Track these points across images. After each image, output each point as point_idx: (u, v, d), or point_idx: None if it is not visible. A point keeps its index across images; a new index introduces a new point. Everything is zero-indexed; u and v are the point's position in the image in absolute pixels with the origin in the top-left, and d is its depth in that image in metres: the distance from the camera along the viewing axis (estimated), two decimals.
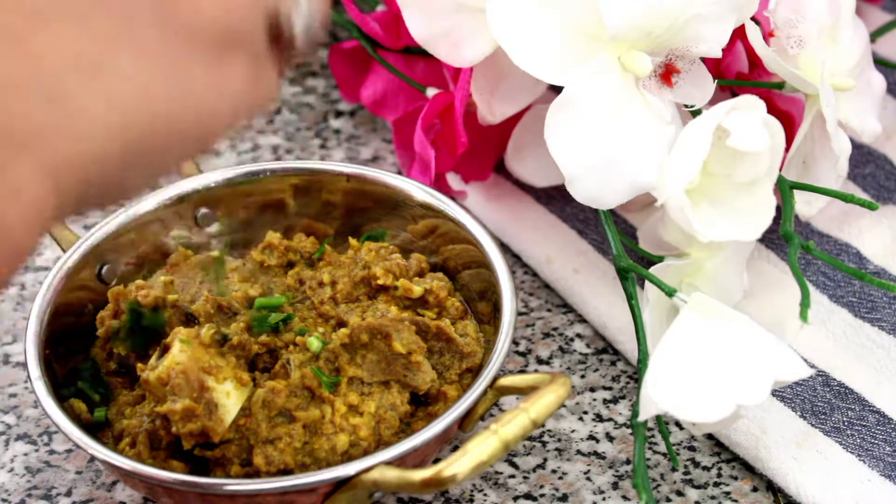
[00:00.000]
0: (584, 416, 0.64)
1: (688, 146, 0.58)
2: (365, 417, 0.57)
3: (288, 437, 0.56)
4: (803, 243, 0.58)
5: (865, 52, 0.67)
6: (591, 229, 0.71)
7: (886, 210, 0.71)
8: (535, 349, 0.67)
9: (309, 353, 0.58)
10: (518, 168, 0.71)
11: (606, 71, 0.59)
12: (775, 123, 0.59)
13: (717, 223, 0.60)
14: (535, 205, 0.73)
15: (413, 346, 0.58)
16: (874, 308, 0.67)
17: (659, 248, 0.63)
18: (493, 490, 0.61)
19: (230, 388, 0.56)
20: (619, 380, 0.65)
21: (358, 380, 0.58)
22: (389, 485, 0.53)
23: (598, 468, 0.61)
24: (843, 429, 0.62)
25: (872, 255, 0.69)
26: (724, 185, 0.60)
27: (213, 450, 0.57)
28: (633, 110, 0.60)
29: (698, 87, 0.61)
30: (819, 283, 0.68)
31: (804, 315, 0.55)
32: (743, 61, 0.67)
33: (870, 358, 0.65)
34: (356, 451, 0.56)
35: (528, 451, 0.62)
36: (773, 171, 0.60)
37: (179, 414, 0.55)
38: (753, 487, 0.61)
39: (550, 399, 0.54)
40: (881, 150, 0.74)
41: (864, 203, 0.60)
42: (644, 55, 0.59)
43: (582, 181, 0.60)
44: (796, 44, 0.63)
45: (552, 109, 0.59)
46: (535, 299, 0.69)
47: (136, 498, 0.61)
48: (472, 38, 0.63)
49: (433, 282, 0.62)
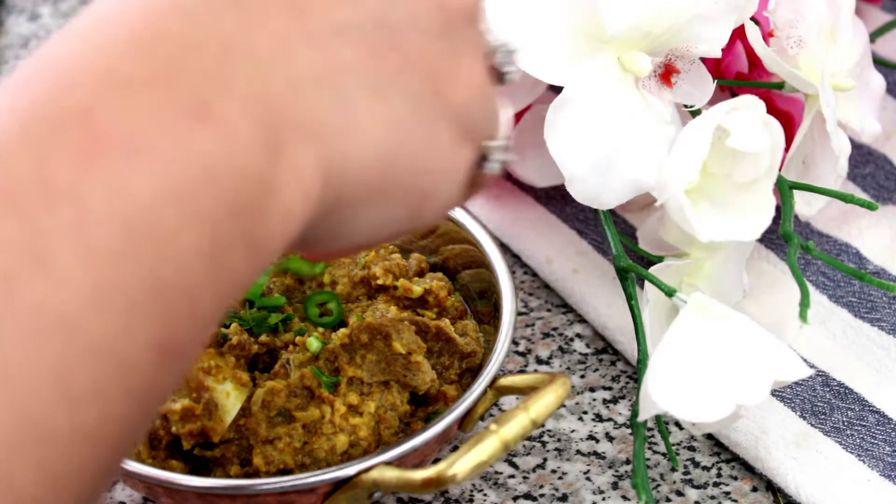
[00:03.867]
0: (584, 416, 0.64)
1: (687, 146, 0.58)
2: (365, 417, 0.57)
3: (287, 438, 0.56)
4: (803, 243, 0.58)
5: (865, 52, 0.67)
6: (591, 229, 0.71)
7: (886, 210, 0.71)
8: (535, 349, 0.67)
9: (308, 353, 0.58)
10: (518, 168, 0.71)
11: (606, 71, 0.59)
12: (775, 123, 0.59)
13: (717, 223, 0.60)
14: (535, 205, 0.73)
15: (413, 346, 0.58)
16: (874, 308, 0.67)
17: (659, 248, 0.63)
18: (492, 490, 0.61)
19: (230, 389, 0.56)
20: (618, 380, 0.65)
21: (357, 380, 0.58)
22: (389, 485, 0.53)
23: (597, 468, 0.61)
24: (842, 429, 0.62)
25: (872, 255, 0.69)
26: (724, 185, 0.60)
27: (212, 450, 0.57)
28: (632, 110, 0.60)
29: (698, 88, 0.61)
30: (819, 283, 0.68)
31: (804, 315, 0.55)
32: (743, 61, 0.67)
33: (870, 358, 0.65)
34: (356, 452, 0.56)
35: (527, 451, 0.62)
36: (772, 171, 0.60)
37: (179, 414, 0.55)
38: (753, 487, 0.61)
39: (550, 399, 0.54)
40: (881, 150, 0.74)
41: (864, 203, 0.60)
42: (644, 55, 0.59)
43: (582, 181, 0.60)
44: (796, 44, 0.63)
45: (552, 109, 0.59)
46: (534, 299, 0.69)
47: (136, 498, 0.61)
48: None
49: (433, 282, 0.62)
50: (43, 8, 0.91)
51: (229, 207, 0.36)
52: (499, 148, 0.46)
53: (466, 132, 0.44)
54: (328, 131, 0.39)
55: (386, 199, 0.42)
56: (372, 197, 0.41)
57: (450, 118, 0.43)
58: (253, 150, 0.37)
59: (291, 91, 0.38)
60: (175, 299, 0.36)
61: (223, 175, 0.36)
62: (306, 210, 0.39)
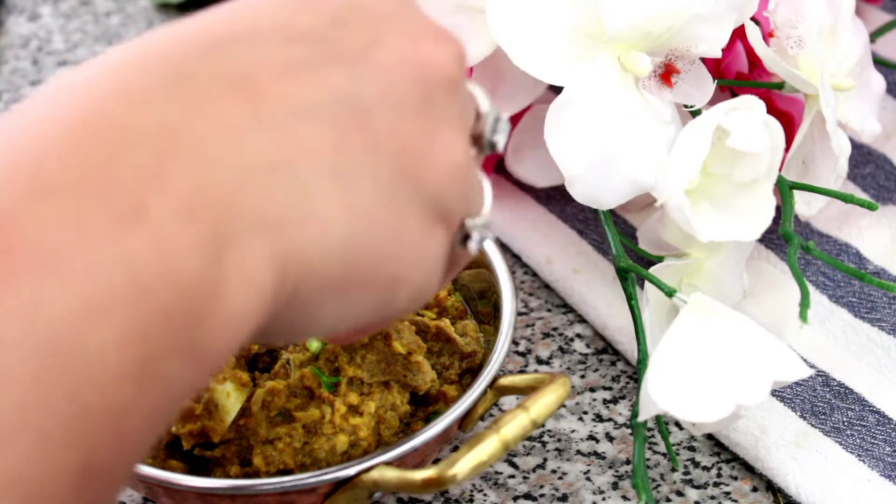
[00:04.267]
0: (584, 417, 0.64)
1: (687, 146, 0.58)
2: (365, 418, 0.57)
3: (288, 438, 0.56)
4: (803, 243, 0.58)
5: (865, 53, 0.67)
6: (591, 229, 0.71)
7: (886, 210, 0.71)
8: (535, 349, 0.67)
9: (308, 353, 0.58)
10: (518, 168, 0.71)
11: (606, 71, 0.59)
12: (775, 123, 0.59)
13: (717, 223, 0.60)
14: (535, 205, 0.73)
15: (413, 346, 0.58)
16: (874, 308, 0.67)
17: (659, 248, 0.63)
18: (492, 490, 0.61)
19: (230, 389, 0.56)
20: (619, 380, 0.65)
21: (358, 380, 0.58)
22: (389, 485, 0.53)
23: (597, 468, 0.61)
24: (842, 429, 0.62)
25: (872, 255, 0.69)
26: (724, 185, 0.60)
27: (212, 450, 0.57)
28: (632, 110, 0.60)
29: (698, 88, 0.61)
30: (819, 283, 0.68)
31: (804, 315, 0.55)
32: (743, 61, 0.67)
33: (870, 358, 0.65)
34: (356, 452, 0.56)
35: (528, 451, 0.62)
36: (772, 171, 0.60)
37: (179, 414, 0.55)
38: (753, 487, 0.61)
39: (550, 399, 0.54)
40: (881, 150, 0.74)
41: (864, 203, 0.60)
42: (644, 55, 0.59)
43: (582, 181, 0.60)
44: (796, 44, 0.63)
45: (552, 109, 0.59)
46: (535, 299, 0.69)
47: (136, 498, 0.61)
48: (472, 38, 0.63)
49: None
50: (43, 8, 0.91)
51: (162, 317, 0.34)
52: (480, 226, 0.44)
53: (440, 214, 0.41)
54: (283, 223, 0.36)
55: (350, 290, 0.39)
56: (335, 289, 0.39)
57: (421, 201, 0.40)
58: (192, 253, 0.34)
59: (241, 182, 0.36)
60: (98, 424, 0.33)
61: (156, 283, 0.34)
62: (258, 309, 0.36)
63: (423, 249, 0.41)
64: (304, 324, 0.39)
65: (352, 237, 0.38)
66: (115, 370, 0.33)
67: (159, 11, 0.90)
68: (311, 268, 0.37)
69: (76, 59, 0.86)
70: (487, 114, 0.44)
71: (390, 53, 0.40)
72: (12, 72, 0.86)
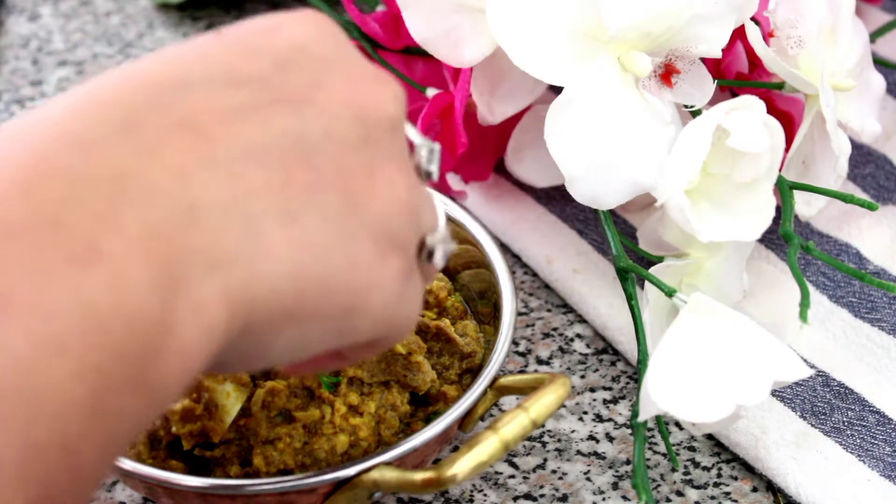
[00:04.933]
0: (584, 417, 0.64)
1: (687, 146, 0.58)
2: (365, 418, 0.57)
3: (288, 438, 0.56)
4: (803, 243, 0.58)
5: (865, 53, 0.67)
6: (591, 229, 0.71)
7: (886, 210, 0.71)
8: (535, 349, 0.67)
9: None
10: (518, 168, 0.71)
11: (606, 71, 0.59)
12: (775, 123, 0.59)
13: (717, 223, 0.60)
14: (535, 205, 0.73)
15: (413, 346, 0.58)
16: (874, 308, 0.67)
17: (659, 249, 0.63)
18: (493, 490, 0.61)
19: (230, 389, 0.56)
20: (619, 380, 0.65)
21: (358, 380, 0.58)
22: (389, 485, 0.53)
23: (598, 468, 0.61)
24: (842, 429, 0.62)
25: (872, 255, 0.69)
26: (724, 185, 0.60)
27: (212, 450, 0.57)
28: (632, 110, 0.60)
29: (698, 88, 0.61)
30: (819, 283, 0.68)
31: (804, 315, 0.55)
32: (743, 61, 0.67)
33: (870, 358, 0.65)
34: (356, 452, 0.56)
35: (528, 452, 0.62)
36: (772, 172, 0.60)
37: (179, 414, 0.56)
38: (753, 487, 0.61)
39: (550, 399, 0.54)
40: (881, 150, 0.74)
41: (864, 203, 0.60)
42: (644, 55, 0.59)
43: (582, 181, 0.60)
44: (796, 44, 0.63)
45: (552, 109, 0.59)
46: (535, 299, 0.69)
47: (136, 498, 0.61)
48: (472, 39, 0.63)
49: (433, 282, 0.62)
50: (43, 8, 0.91)
51: (116, 353, 0.35)
52: (440, 240, 0.45)
53: (391, 243, 0.43)
54: (233, 260, 0.38)
55: (304, 321, 0.40)
56: (288, 320, 0.40)
57: (370, 233, 0.42)
58: (144, 291, 0.35)
59: (192, 221, 0.37)
60: (53, 456, 0.34)
61: (109, 320, 0.35)
62: (209, 344, 0.37)
63: (377, 279, 0.42)
64: (259, 354, 0.41)
65: (301, 271, 0.39)
66: (70, 404, 0.34)
67: (159, 11, 0.90)
68: (262, 301, 0.39)
69: (76, 59, 0.86)
70: (420, 146, 0.46)
71: (332, 95, 0.42)
72: (12, 72, 0.86)
